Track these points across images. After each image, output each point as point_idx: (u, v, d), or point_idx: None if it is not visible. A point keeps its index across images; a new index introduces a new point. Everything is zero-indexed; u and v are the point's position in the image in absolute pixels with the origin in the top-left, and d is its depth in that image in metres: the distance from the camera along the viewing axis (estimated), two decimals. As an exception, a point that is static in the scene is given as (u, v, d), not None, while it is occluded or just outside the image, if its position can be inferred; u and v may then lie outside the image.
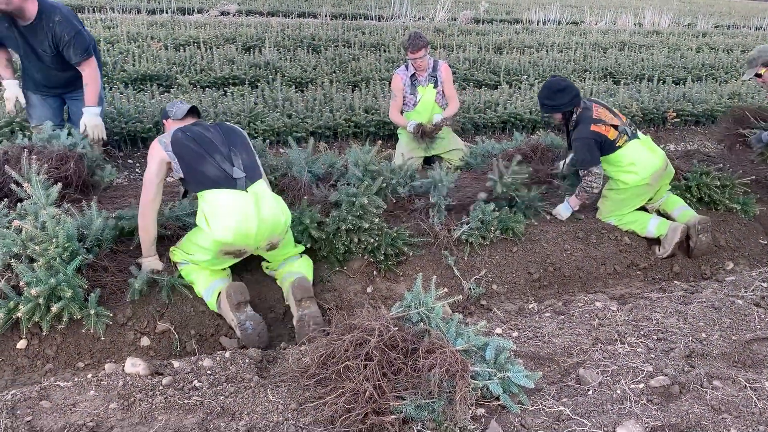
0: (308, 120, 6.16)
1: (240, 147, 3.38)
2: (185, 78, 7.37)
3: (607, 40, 13.26)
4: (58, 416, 2.42)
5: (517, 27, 15.10)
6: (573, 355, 2.96)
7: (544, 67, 9.71)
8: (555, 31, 14.65)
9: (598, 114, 4.32)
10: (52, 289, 2.93)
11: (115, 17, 11.79)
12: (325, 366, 2.62)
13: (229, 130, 3.46)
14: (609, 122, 4.30)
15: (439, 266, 3.93)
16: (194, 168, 3.22)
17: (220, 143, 3.31)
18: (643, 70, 10.16)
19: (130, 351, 3.18)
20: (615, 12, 19.43)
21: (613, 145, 4.30)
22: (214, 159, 3.24)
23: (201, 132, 3.33)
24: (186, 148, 3.24)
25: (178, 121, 3.57)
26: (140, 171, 5.39)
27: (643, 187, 4.39)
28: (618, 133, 4.31)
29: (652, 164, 4.33)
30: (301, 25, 11.92)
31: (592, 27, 16.54)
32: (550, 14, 17.66)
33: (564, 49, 11.87)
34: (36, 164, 3.57)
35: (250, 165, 3.34)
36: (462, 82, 8.68)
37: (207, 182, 3.20)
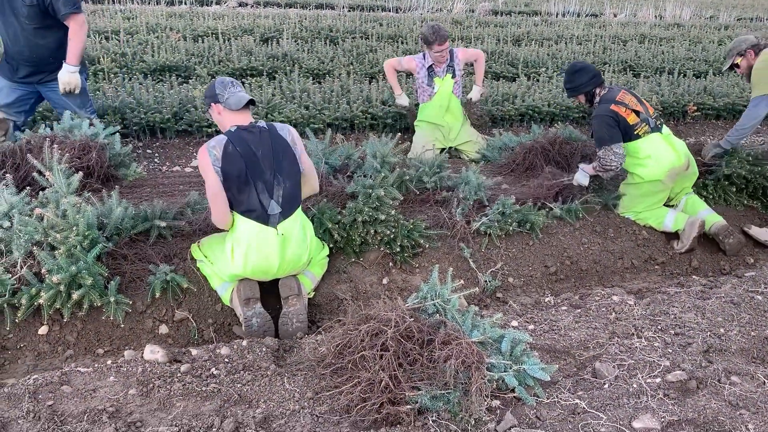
0: (325, 111, 6.17)
1: (286, 172, 3.24)
2: (204, 69, 7.40)
3: (627, 32, 13.10)
4: (78, 401, 2.46)
5: (536, 19, 14.96)
6: (589, 349, 2.95)
7: (563, 59, 9.62)
8: (574, 23, 14.50)
9: (622, 97, 4.29)
10: (73, 276, 2.98)
11: (134, 8, 11.86)
12: (341, 356, 2.63)
13: (279, 147, 3.25)
14: (631, 106, 4.26)
15: (456, 258, 3.93)
16: (234, 192, 3.14)
17: (268, 166, 3.18)
18: (664, 63, 10.03)
19: (148, 338, 3.23)
20: (635, 4, 19.18)
21: (632, 131, 4.25)
22: (256, 188, 3.15)
23: (251, 149, 3.16)
24: (233, 169, 3.11)
25: (230, 111, 3.26)
26: (159, 161, 5.44)
27: (658, 183, 4.33)
28: (639, 120, 4.26)
29: (670, 160, 4.28)
30: (319, 16, 11.90)
31: (611, 19, 16.35)
32: (569, 6, 17.47)
33: (583, 41, 11.74)
34: (58, 153, 3.62)
35: (290, 196, 3.26)
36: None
37: (242, 209, 3.18)
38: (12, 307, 3.03)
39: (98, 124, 4.45)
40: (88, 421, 2.35)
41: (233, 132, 3.19)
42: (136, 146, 5.53)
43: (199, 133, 5.84)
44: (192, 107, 5.85)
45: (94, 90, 6.01)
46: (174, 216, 3.62)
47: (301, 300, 3.35)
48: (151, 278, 3.30)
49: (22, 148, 3.91)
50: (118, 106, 5.60)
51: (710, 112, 7.83)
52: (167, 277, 3.30)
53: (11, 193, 3.34)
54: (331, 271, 3.72)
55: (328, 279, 3.70)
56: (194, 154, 5.61)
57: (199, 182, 4.67)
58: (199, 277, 3.44)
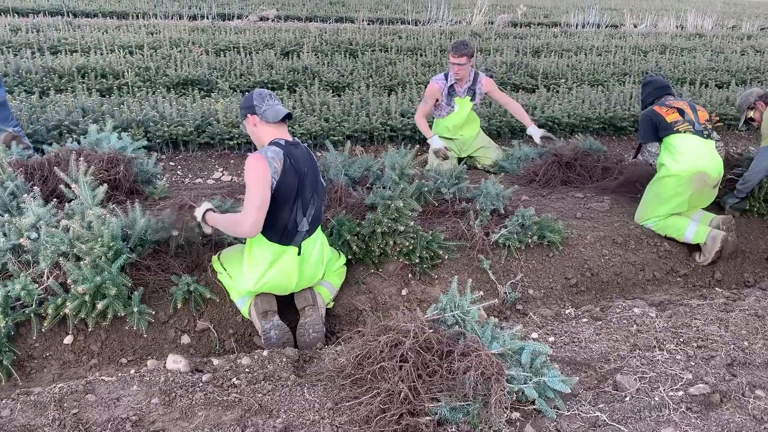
0: (345, 124, 6.22)
1: (320, 192, 3.29)
2: (225, 83, 7.51)
3: (647, 43, 13.03)
4: (102, 410, 2.50)
5: (556, 30, 14.95)
6: (610, 361, 2.93)
7: (583, 70, 9.61)
8: (594, 34, 14.46)
9: (673, 102, 4.43)
10: (97, 286, 3.03)
11: (157, 23, 12.07)
12: (360, 366, 2.64)
13: (316, 166, 3.29)
14: (674, 106, 4.37)
15: (475, 270, 3.92)
16: (275, 206, 3.11)
17: (310, 183, 3.18)
18: (685, 73, 9.96)
19: (171, 348, 3.27)
20: (656, 15, 19.08)
21: (671, 127, 4.31)
22: (295, 205, 3.14)
23: (302, 166, 3.15)
24: (288, 184, 3.08)
25: (266, 124, 3.21)
26: (181, 174, 5.52)
27: (683, 183, 4.26)
28: (681, 118, 4.32)
29: (703, 163, 4.24)
30: (339, 30, 12.02)
31: (631, 30, 16.27)
32: (589, 17, 17.43)
33: (603, 52, 11.71)
34: (84, 166, 3.69)
35: (318, 215, 3.30)
36: (499, 86, 8.60)
37: (270, 225, 3.12)
38: (39, 316, 3.09)
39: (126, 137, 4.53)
40: (112, 430, 2.39)
41: (284, 146, 3.14)
42: (159, 158, 5.62)
43: (221, 145, 5.91)
44: (214, 120, 5.93)
45: (118, 104, 6.13)
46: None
47: (317, 310, 3.37)
48: (173, 289, 3.35)
49: (50, 161, 4.00)
50: (141, 120, 5.70)
51: (733, 122, 7.75)
52: (189, 288, 3.34)
53: (39, 205, 3.42)
54: (350, 281, 3.73)
55: (347, 290, 3.72)
56: (216, 166, 5.69)
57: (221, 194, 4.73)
58: (221, 288, 3.49)
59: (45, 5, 13.95)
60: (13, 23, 10.61)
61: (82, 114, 5.73)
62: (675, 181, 4.30)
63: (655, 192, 4.43)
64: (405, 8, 17.35)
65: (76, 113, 5.63)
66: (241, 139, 5.80)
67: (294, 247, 3.21)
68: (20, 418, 2.42)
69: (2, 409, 2.46)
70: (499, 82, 8.75)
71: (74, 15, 13.32)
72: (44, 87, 6.93)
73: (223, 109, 6.05)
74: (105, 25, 11.27)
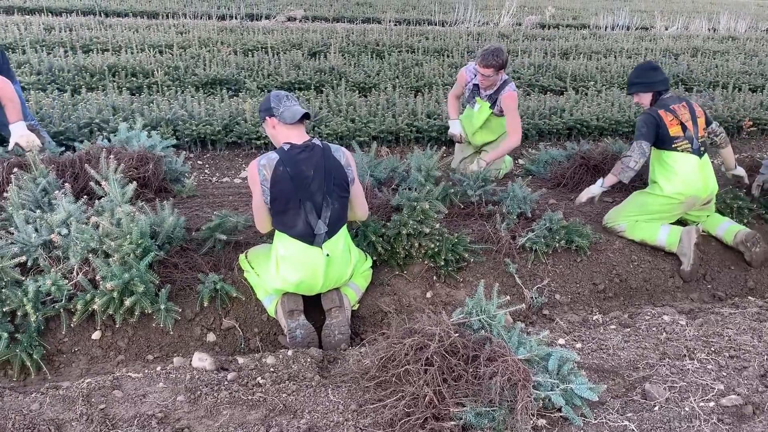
0: (371, 124, 6.22)
1: (336, 194, 3.22)
2: (253, 82, 7.56)
3: (678, 45, 12.83)
4: (129, 406, 2.53)
5: (584, 32, 14.80)
6: (639, 369, 2.88)
7: (612, 73, 9.48)
8: (624, 36, 14.27)
9: (676, 108, 4.18)
10: (125, 283, 3.06)
11: (187, 23, 12.20)
12: (385, 369, 2.63)
13: (332, 167, 3.21)
14: (680, 119, 4.15)
15: (501, 274, 3.89)
16: (282, 212, 3.17)
17: (317, 187, 3.15)
18: (718, 77, 9.78)
19: (196, 346, 3.29)
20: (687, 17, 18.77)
21: (671, 140, 4.12)
22: (304, 208, 3.15)
23: (303, 170, 3.14)
24: (281, 191, 3.13)
25: (285, 125, 3.23)
26: (209, 172, 5.57)
27: (673, 204, 4.17)
28: (682, 135, 4.13)
29: (695, 188, 4.13)
30: (366, 30, 12.04)
31: (662, 32, 16.04)
32: (618, 19, 17.21)
33: (633, 54, 11.55)
34: (114, 164, 3.74)
35: (337, 217, 3.26)
36: (527, 87, 8.58)
37: (287, 228, 3.20)
38: (68, 312, 3.13)
39: (155, 135, 4.58)
40: (138, 426, 2.41)
41: (285, 151, 3.17)
42: (187, 157, 5.67)
43: (248, 145, 5.95)
44: (242, 120, 5.97)
45: (148, 102, 6.20)
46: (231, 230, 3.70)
47: (343, 312, 3.37)
48: (200, 287, 3.37)
49: (81, 158, 4.05)
50: (170, 118, 5.76)
51: (767, 127, 7.59)
52: (216, 286, 3.36)
53: (69, 201, 3.46)
54: (374, 283, 3.73)
55: (372, 291, 3.71)
56: (243, 165, 5.73)
57: (248, 193, 4.75)
58: (246, 287, 3.50)
59: (78, 5, 14.19)
60: (47, 22, 10.82)
61: (112, 112, 5.80)
62: (665, 201, 4.19)
63: (641, 202, 4.28)
64: (432, 9, 17.31)
65: (106, 111, 5.71)
66: (267, 139, 5.83)
67: (317, 247, 3.22)
68: (49, 412, 2.45)
69: (32, 403, 2.50)
70: (527, 83, 8.69)
71: (106, 14, 13.53)
72: (76, 85, 7.05)
73: (250, 109, 6.09)
74: (135, 24, 11.43)
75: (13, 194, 3.54)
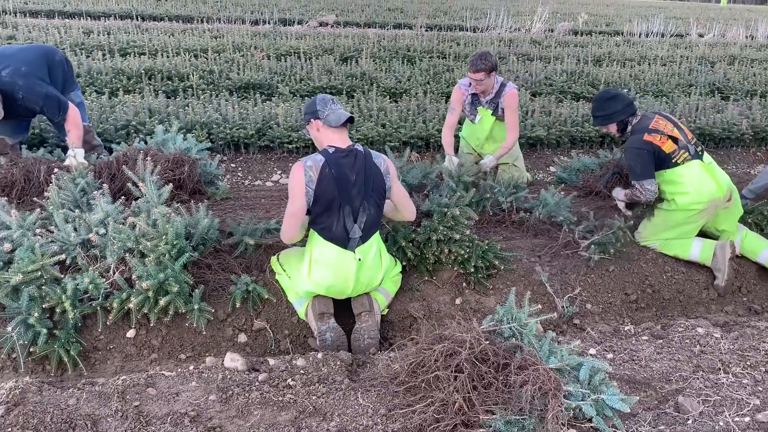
0: (401, 130, 6.23)
1: (373, 200, 3.26)
2: (285, 87, 7.64)
3: (715, 53, 12.62)
4: (162, 403, 2.57)
5: (618, 39, 14.64)
6: (672, 382, 2.84)
7: (646, 81, 9.36)
8: (658, 43, 14.09)
9: (656, 124, 4.03)
10: (160, 283, 3.12)
11: (221, 27, 12.39)
12: (414, 374, 2.64)
13: (372, 174, 3.25)
14: (667, 133, 4.00)
15: (531, 282, 3.86)
16: (321, 214, 3.21)
17: (357, 192, 3.19)
18: (756, 85, 9.58)
19: (228, 346, 3.34)
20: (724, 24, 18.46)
21: (669, 159, 3.98)
22: (343, 212, 3.18)
23: (347, 174, 3.18)
24: (326, 192, 3.15)
25: (329, 128, 3.27)
26: (241, 175, 5.64)
27: (694, 214, 4.03)
28: (677, 147, 3.99)
29: (710, 190, 3.98)
30: (397, 36, 12.08)
31: (698, 40, 15.79)
32: (653, 26, 17.00)
33: (668, 62, 11.40)
34: (150, 165, 3.81)
35: (372, 222, 3.29)
36: (559, 95, 8.51)
37: (324, 230, 3.24)
38: (104, 309, 3.20)
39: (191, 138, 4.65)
40: (171, 424, 2.45)
41: (330, 154, 3.21)
42: (221, 160, 5.75)
43: (281, 149, 6.01)
44: (274, 124, 6.04)
45: (183, 106, 6.31)
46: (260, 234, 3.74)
47: (373, 316, 3.38)
48: (232, 288, 3.42)
49: (119, 159, 4.14)
50: (205, 122, 5.85)
51: (807, 137, 7.41)
52: (248, 288, 3.41)
53: (107, 202, 3.55)
54: (404, 288, 3.73)
55: (401, 296, 3.72)
56: (275, 169, 5.79)
57: (279, 196, 4.82)
58: (277, 289, 3.54)
59: (116, 9, 14.51)
60: (86, 26, 11.08)
61: (148, 115, 5.92)
62: (685, 213, 4.06)
63: (664, 220, 4.16)
64: (464, 15, 17.31)
65: (143, 114, 5.83)
66: (299, 143, 5.89)
67: (350, 251, 3.24)
68: (85, 407, 2.51)
69: (69, 398, 2.56)
70: (560, 90, 8.62)
71: (142, 18, 13.82)
72: (113, 88, 7.20)
73: (283, 113, 6.15)
74: (171, 28, 11.64)
75: (54, 194, 3.63)
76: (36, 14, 13.42)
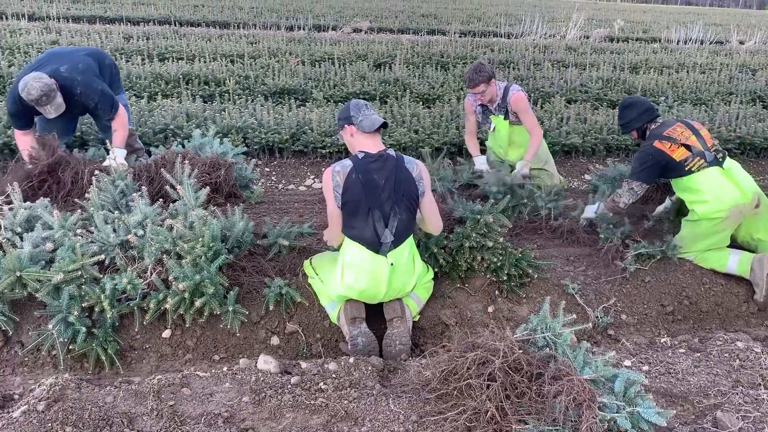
0: (434, 136, 6.23)
1: (404, 204, 3.26)
2: (320, 92, 7.70)
3: (756, 60, 12.33)
4: (197, 404, 2.61)
5: (655, 46, 14.42)
6: (710, 396, 2.78)
7: (684, 88, 9.19)
8: (697, 50, 13.84)
9: (672, 132, 4.00)
10: (196, 284, 3.17)
11: (257, 33, 12.56)
12: (446, 382, 2.63)
13: (403, 178, 3.26)
14: (680, 141, 3.93)
15: (565, 291, 3.82)
16: (351, 219, 3.26)
17: (387, 196, 3.21)
18: (799, 94, 9.34)
19: (261, 348, 3.37)
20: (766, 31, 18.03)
21: (681, 167, 3.92)
22: (373, 217, 3.20)
23: (375, 179, 3.20)
24: (353, 196, 3.20)
25: (362, 133, 3.31)
26: (275, 179, 5.69)
27: (717, 223, 3.90)
28: (690, 154, 3.91)
29: (732, 197, 3.85)
30: (430, 42, 12.09)
31: (738, 47, 15.45)
32: (691, 33, 16.70)
33: (707, 69, 11.18)
34: (188, 169, 3.88)
35: (404, 227, 3.29)
36: (594, 102, 8.41)
37: (355, 235, 3.27)
38: (141, 310, 3.26)
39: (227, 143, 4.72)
40: (205, 424, 2.48)
41: (359, 159, 3.24)
42: (256, 164, 5.82)
43: (314, 153, 6.06)
44: (308, 129, 6.09)
45: (219, 110, 6.41)
46: (294, 236, 3.78)
47: (404, 322, 3.38)
48: (266, 291, 3.46)
49: (157, 162, 4.22)
50: (241, 126, 5.93)
51: None
52: (281, 291, 3.44)
53: (146, 204, 3.62)
54: (435, 295, 3.73)
55: (433, 303, 3.71)
56: (309, 173, 5.84)
57: (313, 201, 4.87)
58: (310, 293, 3.57)
59: (154, 15, 14.82)
60: (126, 31, 11.34)
61: (186, 119, 6.03)
62: (709, 223, 3.94)
63: (689, 231, 4.06)
64: (498, 21, 17.24)
65: (180, 118, 5.94)
66: (332, 148, 5.93)
67: (382, 256, 3.25)
68: (122, 405, 2.55)
69: (106, 396, 2.61)
70: (595, 98, 8.52)
71: (180, 24, 14.09)
72: (152, 92, 7.36)
73: (317, 119, 6.20)
74: (208, 34, 11.84)
75: (94, 195, 3.72)
76: (78, 20, 13.80)
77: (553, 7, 25.33)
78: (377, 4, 22.23)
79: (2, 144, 5.16)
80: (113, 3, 16.81)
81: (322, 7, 19.10)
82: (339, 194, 3.21)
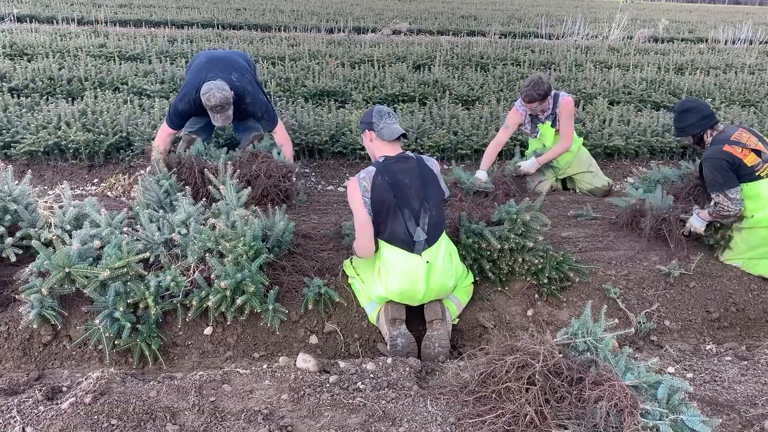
0: (473, 138, 6.20)
1: (433, 200, 3.32)
2: (359, 94, 7.73)
3: (810, 61, 11.92)
4: (237, 400, 2.65)
5: (702, 46, 14.06)
6: (758, 406, 2.70)
7: (732, 90, 8.94)
8: (745, 51, 13.44)
9: (738, 136, 3.88)
10: (238, 283, 3.22)
11: (297, 36, 12.68)
12: (484, 384, 2.61)
13: (427, 175, 3.35)
14: (750, 146, 3.82)
15: (606, 296, 3.76)
16: (382, 220, 3.29)
17: (415, 194, 3.27)
18: None
19: (300, 347, 3.41)
20: (819, 30, 17.40)
21: (752, 172, 3.80)
22: (403, 216, 3.25)
23: (400, 178, 3.27)
24: (382, 198, 3.24)
25: (381, 141, 3.38)
26: (315, 180, 5.75)
27: None
28: (760, 160, 3.81)
29: None
30: (470, 43, 12.03)
31: (791, 46, 14.95)
32: (739, 33, 16.23)
33: (756, 70, 10.85)
34: (231, 169, 3.94)
35: (436, 224, 3.33)
36: (638, 103, 8.25)
37: (388, 236, 3.30)
38: (184, 307, 3.33)
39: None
40: (245, 420, 2.52)
41: (381, 163, 3.32)
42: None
43: (353, 155, 6.10)
44: (348, 131, 6.13)
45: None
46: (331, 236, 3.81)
47: (444, 325, 3.38)
48: (305, 290, 3.49)
49: (200, 162, 4.30)
50: (281, 127, 6.00)
51: None
52: (320, 290, 3.47)
53: (189, 203, 3.69)
54: (474, 298, 3.71)
55: (471, 306, 3.69)
56: (347, 174, 5.88)
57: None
58: (348, 293, 3.59)
59: (198, 18, 15.11)
60: (171, 34, 11.58)
61: (228, 120, 6.11)
62: (766, 232, 3.85)
63: (744, 238, 3.95)
64: (539, 22, 17.05)
65: (223, 119, 6.02)
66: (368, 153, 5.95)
67: (417, 254, 3.25)
68: (165, 400, 2.61)
69: (150, 390, 2.67)
70: (639, 99, 8.36)
71: (223, 27, 14.34)
72: (196, 94, 7.48)
73: (356, 120, 6.24)
74: (250, 36, 12.01)
75: (140, 195, 3.82)
76: (125, 23, 14.16)
77: (595, 8, 24.93)
78: (417, 5, 22.24)
79: (53, 144, 5.35)
80: (158, 7, 17.23)
81: (361, 10, 19.20)
82: (368, 199, 3.25)
